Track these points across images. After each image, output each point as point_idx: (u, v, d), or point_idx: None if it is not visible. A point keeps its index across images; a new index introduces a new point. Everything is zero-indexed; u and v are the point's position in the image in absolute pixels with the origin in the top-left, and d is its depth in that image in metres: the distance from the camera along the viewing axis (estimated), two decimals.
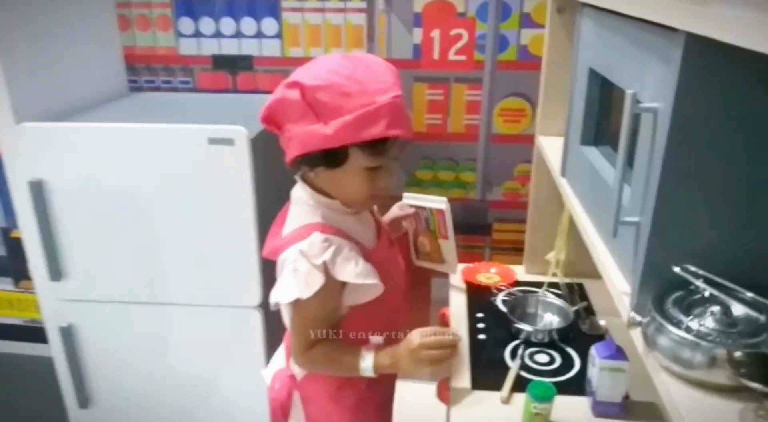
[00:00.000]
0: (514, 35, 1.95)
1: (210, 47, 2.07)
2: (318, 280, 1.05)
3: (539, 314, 1.45)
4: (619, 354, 1.11)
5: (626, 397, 1.14)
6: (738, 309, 0.63)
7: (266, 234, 1.24)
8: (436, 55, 2.04)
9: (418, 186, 2.21)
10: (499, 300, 1.51)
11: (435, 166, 2.21)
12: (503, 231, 2.24)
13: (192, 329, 1.74)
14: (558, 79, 1.45)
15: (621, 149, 0.74)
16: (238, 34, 2.05)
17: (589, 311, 1.46)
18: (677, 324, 0.63)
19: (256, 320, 1.71)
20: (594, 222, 0.98)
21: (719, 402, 0.59)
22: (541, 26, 1.92)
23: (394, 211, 1.37)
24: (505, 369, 1.26)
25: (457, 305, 1.51)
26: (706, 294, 0.65)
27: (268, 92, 2.11)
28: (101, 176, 1.60)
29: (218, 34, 2.05)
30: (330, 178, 1.11)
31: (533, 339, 1.35)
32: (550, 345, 1.34)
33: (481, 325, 1.42)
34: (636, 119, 0.75)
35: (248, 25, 2.03)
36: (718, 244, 0.67)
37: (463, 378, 1.25)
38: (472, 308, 1.49)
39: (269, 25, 2.02)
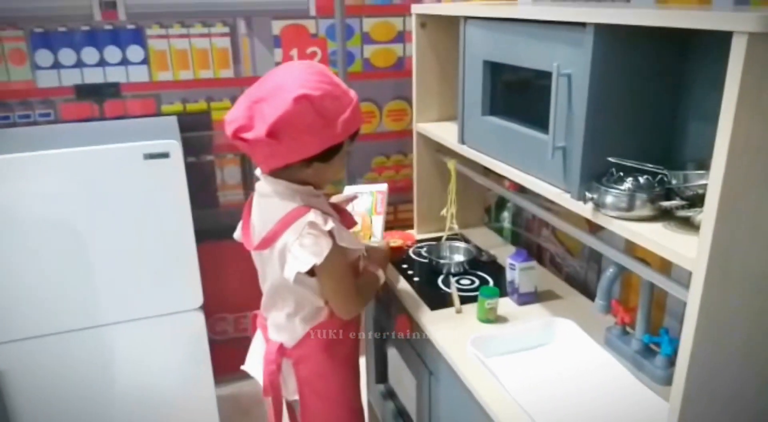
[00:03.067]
0: (358, 51, 2.37)
1: (71, 77, 2.07)
2: (327, 245, 1.29)
3: (449, 255, 1.88)
4: (529, 257, 1.59)
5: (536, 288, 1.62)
6: (641, 180, 1.11)
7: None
8: None
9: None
10: (412, 254, 1.90)
11: None
12: None
13: (135, 345, 1.78)
14: (427, 80, 1.90)
15: (553, 102, 1.19)
16: (102, 63, 2.09)
17: (479, 248, 1.93)
18: (616, 187, 1.10)
19: (200, 322, 1.82)
20: (514, 163, 1.42)
21: (651, 226, 1.07)
22: (379, 42, 2.38)
23: (340, 197, 1.66)
24: (445, 293, 1.66)
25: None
26: (621, 174, 1.13)
27: (139, 116, 2.22)
28: (28, 206, 1.57)
29: (80, 64, 2.07)
30: (321, 169, 1.34)
31: (453, 271, 1.77)
32: (465, 273, 1.78)
33: (410, 272, 1.79)
34: (542, 83, 1.21)
35: (112, 53, 2.09)
36: (620, 146, 1.16)
37: (422, 308, 1.60)
38: (396, 264, 1.85)
39: (135, 52, 2.11)
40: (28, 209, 1.57)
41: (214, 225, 2.34)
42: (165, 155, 1.63)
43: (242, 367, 1.59)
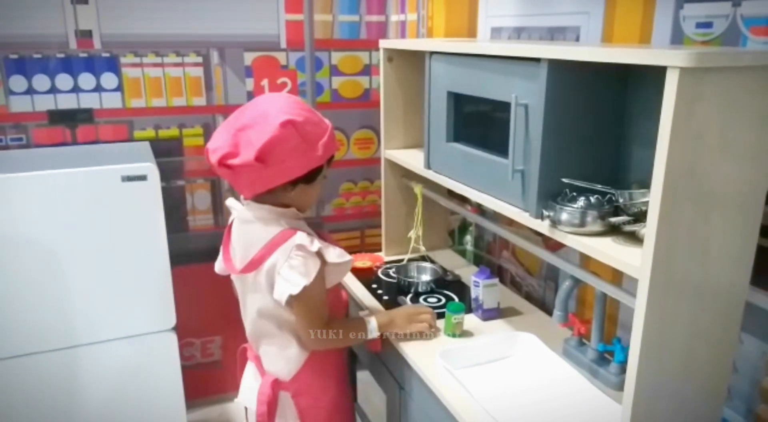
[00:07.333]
0: (327, 82, 2.48)
1: (45, 103, 2.10)
2: (315, 266, 1.33)
3: (416, 275, 1.97)
4: (491, 275, 1.69)
5: (499, 304, 1.72)
6: (591, 199, 1.23)
7: None
8: None
9: None
10: (381, 275, 1.98)
11: None
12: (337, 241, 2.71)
13: (109, 366, 1.78)
14: (393, 110, 2.01)
15: (512, 129, 1.30)
16: (76, 89, 2.13)
17: (444, 268, 2.02)
18: (570, 205, 1.21)
19: (173, 342, 1.84)
20: (477, 186, 1.52)
21: (601, 240, 1.18)
22: (346, 74, 2.49)
23: None
24: None
25: (356, 286, 1.92)
26: (574, 194, 1.25)
27: (112, 142, 2.25)
28: (5, 227, 1.59)
29: (54, 90, 2.10)
30: (304, 191, 1.41)
31: (420, 290, 1.85)
32: (431, 292, 1.86)
33: (379, 292, 1.87)
34: (501, 112, 1.32)
35: (86, 80, 2.14)
36: (573, 168, 1.28)
37: None
38: (366, 284, 1.92)
39: (109, 79, 2.16)
40: (5, 230, 1.59)
41: (183, 249, 2.37)
42: (143, 178, 1.68)
43: (236, 401, 1.58)
